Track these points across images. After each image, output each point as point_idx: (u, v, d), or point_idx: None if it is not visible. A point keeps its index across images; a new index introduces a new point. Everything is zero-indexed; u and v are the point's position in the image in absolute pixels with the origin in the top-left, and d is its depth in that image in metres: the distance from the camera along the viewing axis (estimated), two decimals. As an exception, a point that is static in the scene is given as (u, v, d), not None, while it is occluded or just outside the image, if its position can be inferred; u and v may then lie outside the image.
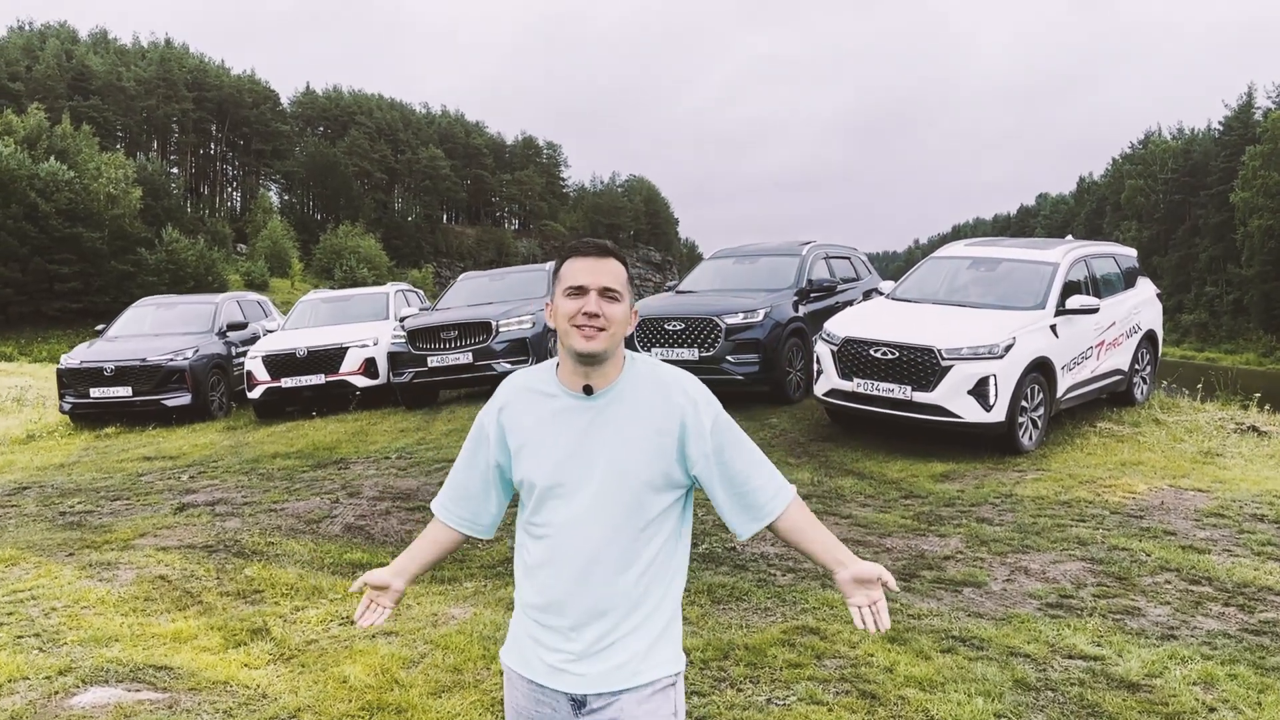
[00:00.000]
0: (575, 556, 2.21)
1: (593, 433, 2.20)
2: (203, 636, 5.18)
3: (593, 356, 2.16)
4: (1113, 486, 7.81)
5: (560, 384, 2.25)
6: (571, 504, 2.21)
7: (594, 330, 2.14)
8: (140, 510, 8.19)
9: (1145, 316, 10.81)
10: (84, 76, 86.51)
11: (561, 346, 2.24)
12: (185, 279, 59.48)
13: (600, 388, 2.22)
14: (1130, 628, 5.14)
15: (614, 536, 2.21)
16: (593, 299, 2.16)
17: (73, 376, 13.54)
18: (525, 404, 2.30)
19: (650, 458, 2.20)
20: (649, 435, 2.20)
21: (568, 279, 2.20)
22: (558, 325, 2.21)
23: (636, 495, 2.20)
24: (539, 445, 2.25)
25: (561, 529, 2.23)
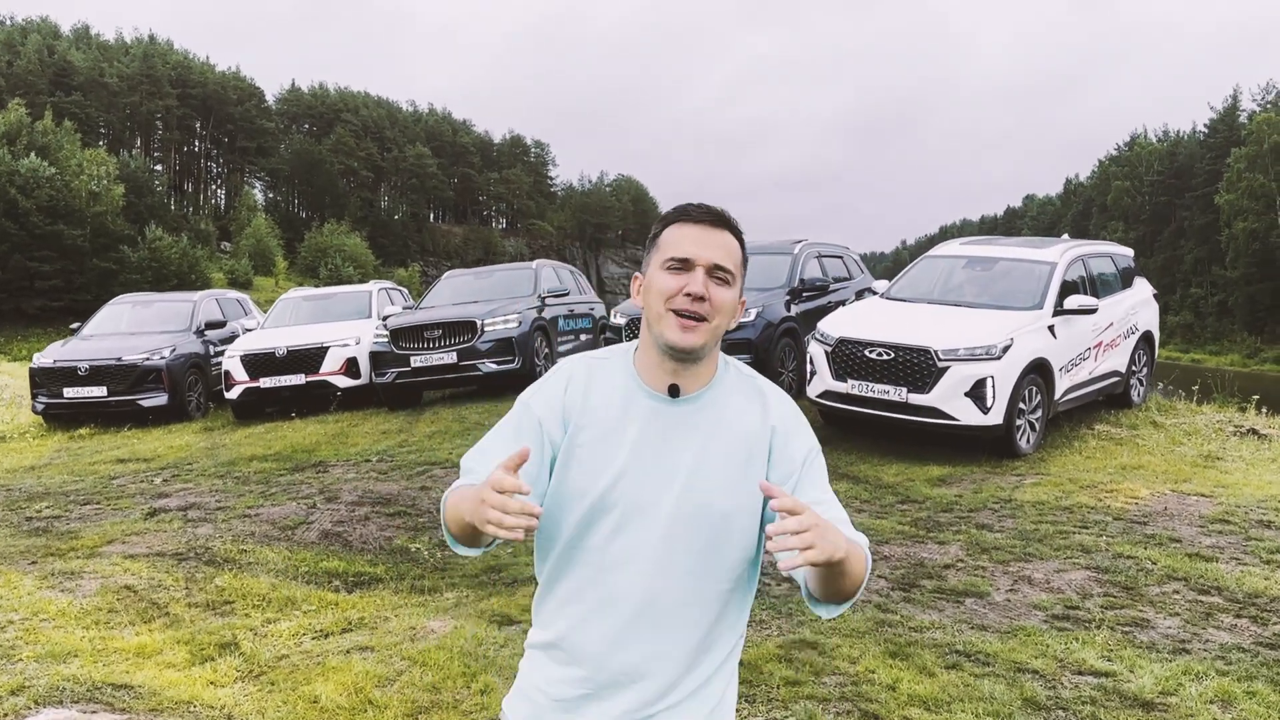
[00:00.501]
0: (622, 600, 1.76)
1: (672, 444, 1.76)
2: (168, 651, 4.90)
3: (688, 353, 1.73)
4: (1114, 491, 7.61)
5: (639, 378, 1.80)
6: (629, 531, 1.75)
7: (695, 319, 1.71)
8: (110, 515, 7.89)
9: (1142, 317, 10.63)
10: (66, 72, 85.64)
11: (646, 331, 1.79)
12: (168, 277, 58.82)
13: (689, 391, 1.79)
14: (1140, 641, 4.92)
15: (679, 581, 1.75)
16: (699, 278, 1.72)
17: (46, 376, 13.20)
18: (590, 393, 1.81)
19: (737, 484, 1.76)
20: (739, 456, 1.77)
21: (668, 248, 1.76)
22: (647, 306, 1.78)
23: (716, 530, 1.75)
24: (601, 446, 1.76)
25: (609, 560, 1.76)
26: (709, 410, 1.80)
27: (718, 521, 1.75)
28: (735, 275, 1.77)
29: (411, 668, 4.63)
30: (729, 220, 1.80)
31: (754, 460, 1.79)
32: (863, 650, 4.74)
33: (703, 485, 1.75)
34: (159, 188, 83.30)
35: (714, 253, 1.74)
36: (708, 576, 1.77)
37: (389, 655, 4.80)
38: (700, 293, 1.70)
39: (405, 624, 5.25)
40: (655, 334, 1.75)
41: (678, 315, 1.71)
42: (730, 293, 1.75)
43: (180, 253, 63.64)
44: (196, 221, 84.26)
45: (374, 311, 14.00)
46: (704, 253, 1.73)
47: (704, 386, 1.80)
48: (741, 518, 1.78)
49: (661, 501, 1.74)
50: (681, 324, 1.71)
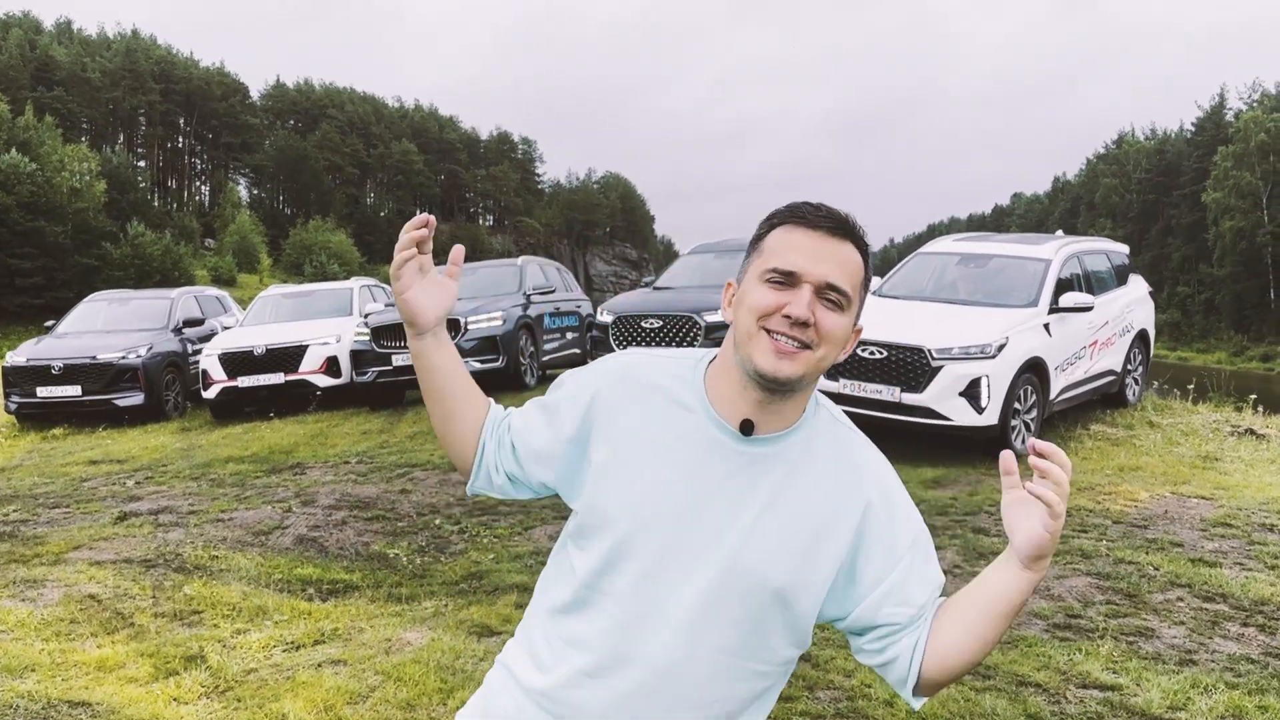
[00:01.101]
0: (638, 662, 1.45)
1: (730, 493, 1.44)
2: (131, 665, 4.66)
3: (779, 383, 1.40)
4: (1113, 494, 7.43)
5: (706, 399, 1.48)
6: (662, 584, 1.44)
7: (796, 346, 1.39)
8: (79, 520, 7.63)
9: (1138, 315, 10.48)
10: (47, 67, 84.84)
11: (730, 350, 1.47)
12: (151, 274, 58.31)
13: (766, 431, 1.46)
14: (1146, 651, 4.74)
15: (709, 655, 1.45)
16: (804, 298, 1.39)
17: (18, 375, 12.90)
18: (634, 402, 1.50)
19: (802, 559, 1.45)
20: (811, 525, 1.46)
21: (772, 255, 1.43)
22: (736, 321, 1.45)
23: (764, 608, 1.45)
24: (643, 474, 1.46)
25: (632, 613, 1.45)
26: (786, 459, 1.47)
27: (768, 599, 1.45)
28: (853, 299, 1.44)
29: (385, 683, 4.40)
30: (854, 229, 1.46)
31: (831, 536, 1.47)
32: (858, 663, 4.53)
33: (758, 551, 1.44)
34: (142, 184, 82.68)
35: (828, 268, 1.41)
36: (745, 656, 1.48)
37: (362, 670, 4.57)
38: (804, 317, 1.38)
39: (380, 635, 5.02)
40: (741, 356, 1.43)
41: (771, 338, 1.39)
42: (844, 320, 1.43)
43: (163, 250, 63.12)
44: (180, 218, 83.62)
45: (355, 309, 13.75)
46: (816, 267, 1.40)
47: (786, 429, 1.48)
48: (801, 601, 1.47)
49: (706, 559, 1.44)
50: (776, 347, 1.39)
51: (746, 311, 1.43)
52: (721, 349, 1.53)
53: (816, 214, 1.45)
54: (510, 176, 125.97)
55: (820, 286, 1.41)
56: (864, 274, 1.47)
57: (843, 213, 1.47)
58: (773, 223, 1.49)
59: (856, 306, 1.47)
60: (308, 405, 12.56)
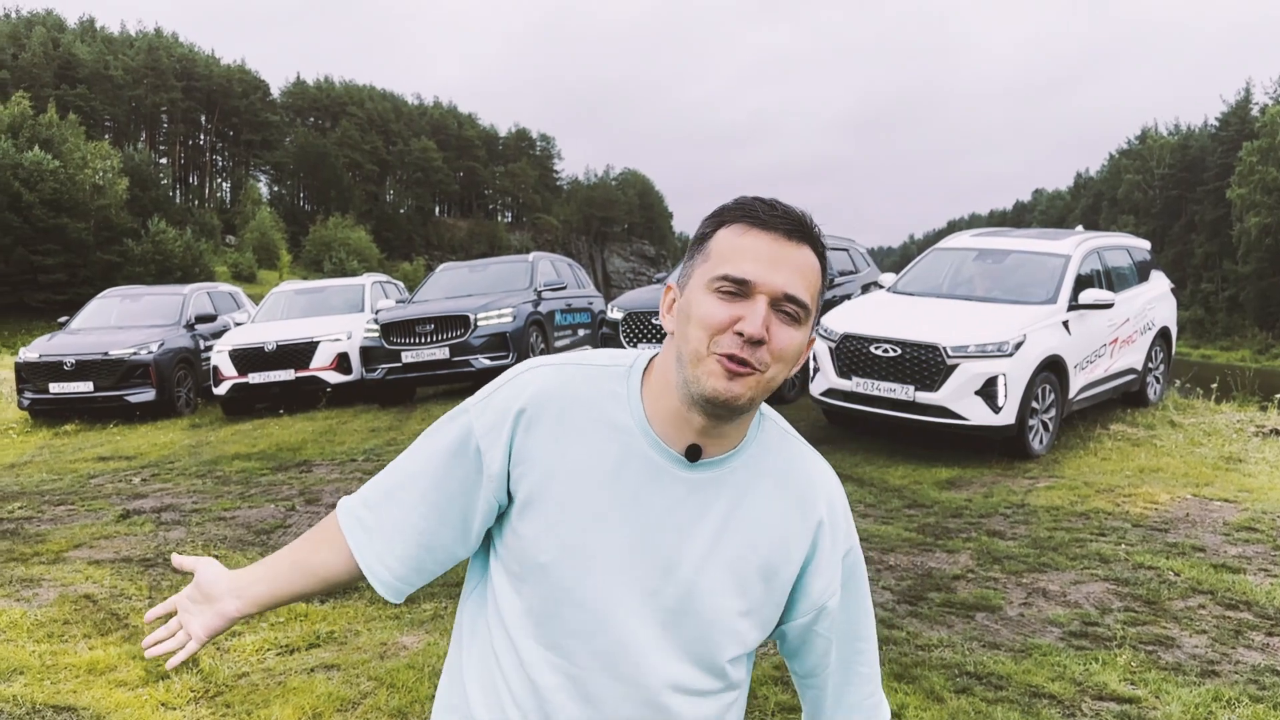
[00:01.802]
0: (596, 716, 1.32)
1: (678, 525, 1.30)
2: (122, 667, 4.57)
3: (729, 406, 1.24)
4: (1132, 496, 7.24)
5: (645, 418, 1.31)
6: (607, 633, 1.30)
7: (745, 368, 1.23)
8: (82, 517, 7.56)
9: (1159, 312, 10.25)
10: (71, 65, 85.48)
11: (672, 365, 1.29)
12: (172, 270, 58.72)
13: (712, 454, 1.32)
14: (1166, 662, 4.56)
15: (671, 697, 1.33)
16: (759, 311, 1.22)
17: (31, 371, 12.88)
18: (564, 424, 1.31)
19: (756, 589, 1.34)
20: (765, 552, 1.33)
21: (725, 261, 1.25)
22: (682, 336, 1.27)
23: (717, 643, 1.33)
24: (574, 507, 1.29)
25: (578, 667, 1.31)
26: (734, 483, 1.33)
27: (724, 631, 1.33)
28: (810, 310, 1.27)
29: (378, 689, 4.29)
30: (812, 230, 1.28)
31: (786, 560, 1.35)
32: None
33: (713, 585, 1.31)
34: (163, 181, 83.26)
35: (786, 276, 1.23)
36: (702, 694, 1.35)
37: (355, 675, 4.46)
38: (758, 334, 1.21)
39: (376, 639, 4.91)
40: (687, 376, 1.25)
41: (722, 360, 1.22)
42: (799, 334, 1.26)
43: (184, 246, 63.57)
44: (201, 215, 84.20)
45: (367, 305, 13.67)
46: (773, 276, 1.23)
47: (732, 449, 1.33)
48: (756, 630, 1.37)
49: (656, 600, 1.30)
50: (728, 368, 1.22)
51: (695, 327, 1.24)
52: (660, 361, 1.34)
53: (772, 213, 1.26)
54: (529, 173, 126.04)
55: (777, 298, 1.23)
56: (821, 281, 1.30)
57: (800, 211, 1.29)
58: (720, 220, 1.30)
59: (814, 317, 1.29)
60: (318, 402, 12.49)
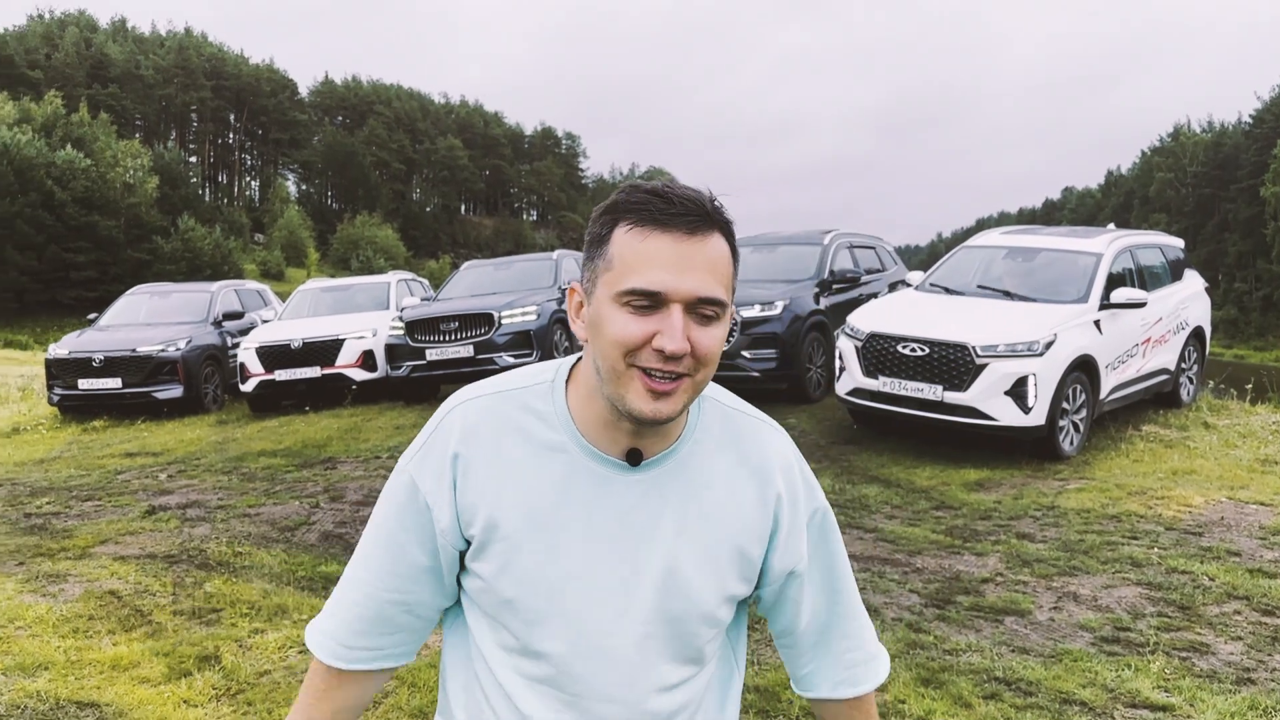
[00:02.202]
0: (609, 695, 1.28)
1: (634, 527, 1.26)
2: (145, 664, 4.58)
3: (659, 423, 1.20)
4: (1165, 499, 7.10)
5: (575, 430, 1.26)
6: (585, 658, 1.27)
7: (670, 382, 1.17)
8: (109, 513, 7.61)
9: (1193, 312, 10.08)
10: (102, 65, 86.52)
11: (594, 376, 1.24)
12: (201, 268, 59.33)
13: (653, 453, 1.27)
14: (1200, 669, 4.46)
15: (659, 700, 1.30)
16: (677, 324, 1.15)
17: (61, 367, 13.01)
18: (496, 459, 1.26)
19: (726, 575, 1.31)
20: (729, 538, 1.30)
21: (630, 272, 1.17)
22: (598, 352, 1.21)
23: (693, 633, 1.30)
24: (529, 537, 1.25)
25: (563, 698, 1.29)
26: (685, 474, 1.28)
27: (699, 620, 1.30)
28: (727, 301, 1.19)
29: (399, 688, 4.26)
30: (714, 215, 1.19)
31: (751, 541, 1.32)
32: (892, 676, 4.31)
33: (683, 584, 1.27)
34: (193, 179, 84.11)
35: (698, 279, 1.16)
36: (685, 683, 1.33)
37: (376, 674, 4.43)
38: (679, 349, 1.14)
39: (398, 638, 4.88)
40: (609, 393, 1.20)
41: (645, 378, 1.17)
42: (720, 329, 1.19)
43: (213, 244, 64.20)
44: (230, 213, 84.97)
45: (392, 303, 13.69)
46: (683, 282, 1.15)
47: (674, 442, 1.28)
48: (727, 611, 1.34)
49: (629, 611, 1.27)
50: (651, 386, 1.16)
51: (609, 345, 1.17)
52: (583, 369, 1.28)
53: (670, 210, 1.16)
54: (554, 171, 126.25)
55: (691, 303, 1.16)
56: (733, 265, 1.22)
57: (697, 194, 1.19)
58: (615, 218, 1.20)
59: (731, 307, 1.22)
60: (343, 399, 12.52)
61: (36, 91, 70.94)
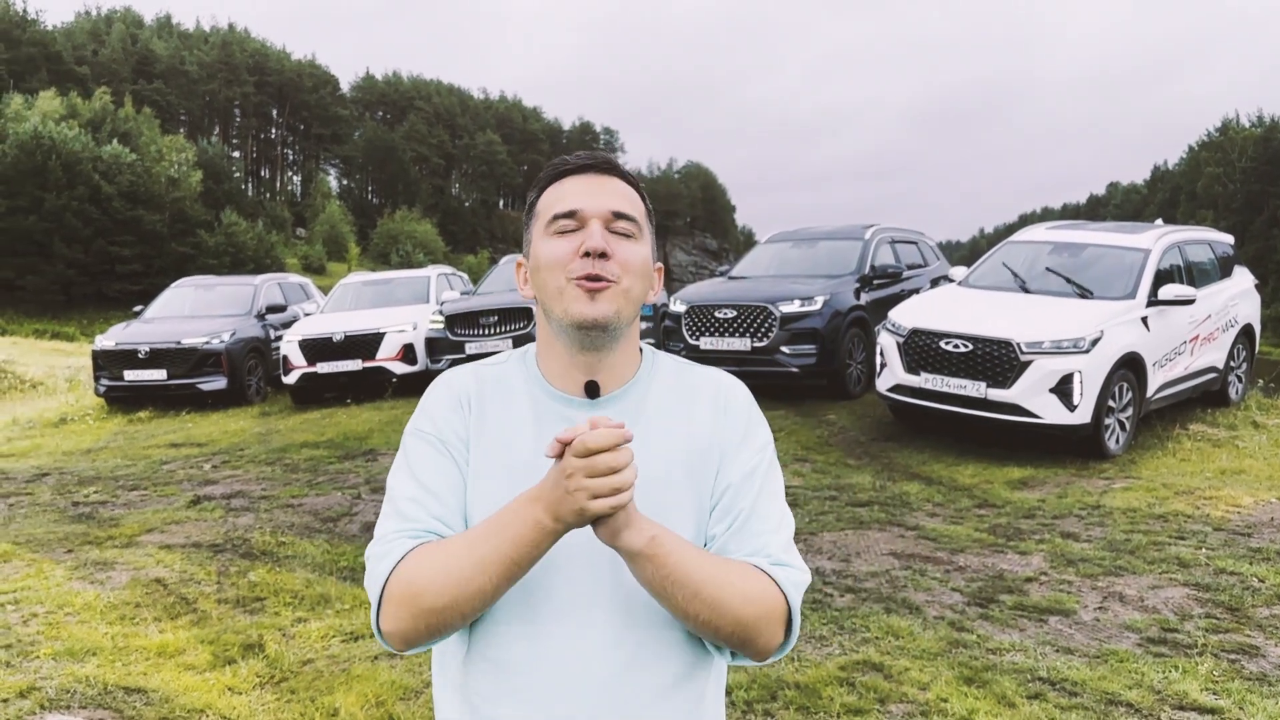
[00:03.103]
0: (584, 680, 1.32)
1: None
2: (190, 651, 4.65)
3: (601, 326, 1.33)
4: (1213, 499, 6.97)
5: (542, 379, 1.41)
6: (567, 580, 1.32)
7: (601, 282, 1.33)
8: (154, 503, 7.74)
9: (1242, 309, 9.89)
10: (148, 60, 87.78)
11: (545, 324, 1.41)
12: (244, 262, 59.99)
13: (611, 388, 1.40)
14: (1249, 672, 4.37)
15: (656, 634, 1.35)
16: (595, 231, 1.34)
17: (107, 358, 13.23)
18: (489, 402, 1.41)
19: (689, 495, 1.38)
20: (685, 462, 1.38)
21: (551, 205, 1.38)
22: (541, 288, 1.38)
23: None
24: (504, 473, 1.34)
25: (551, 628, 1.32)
26: (641, 408, 1.41)
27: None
28: (641, 226, 1.40)
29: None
30: (617, 165, 1.42)
31: (705, 464, 1.40)
32: (934, 675, 4.27)
33: (650, 504, 1.31)
34: (236, 174, 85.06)
35: (608, 199, 1.37)
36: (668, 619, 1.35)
37: (417, 664, 4.47)
38: (600, 247, 1.32)
39: (438, 629, 4.91)
40: (557, 317, 1.36)
41: (578, 284, 1.33)
42: (639, 249, 1.38)
43: (256, 238, 64.92)
44: (272, 207, 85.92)
45: (432, 297, 13.79)
46: (596, 201, 1.36)
47: (627, 382, 1.42)
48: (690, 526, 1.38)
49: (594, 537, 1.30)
50: (586, 288, 1.33)
51: (547, 270, 1.36)
52: (539, 334, 1.46)
53: (577, 160, 1.41)
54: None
55: (606, 218, 1.36)
56: (644, 206, 1.43)
57: (602, 152, 1.44)
58: (540, 185, 1.43)
59: (649, 238, 1.42)
60: (384, 391, 12.63)
61: (83, 87, 72.11)
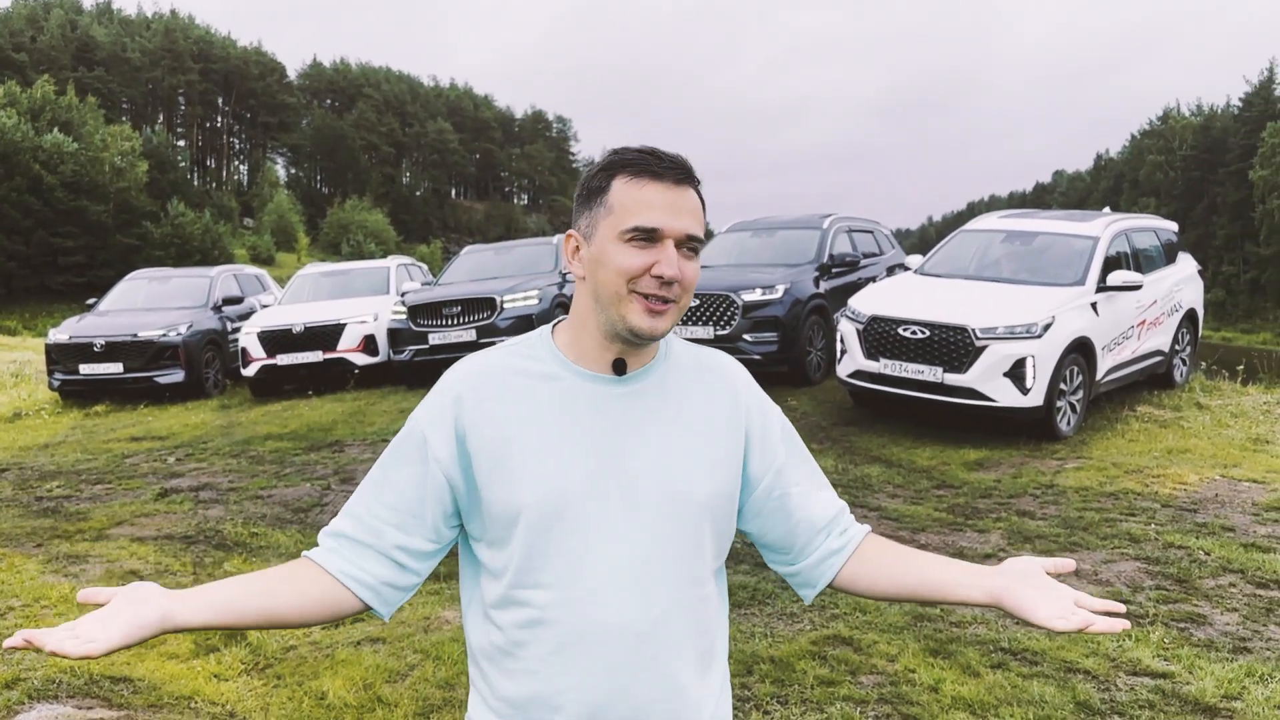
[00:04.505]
0: (616, 635, 1.42)
1: (628, 431, 1.45)
2: (172, 641, 4.68)
3: (656, 338, 1.44)
4: (1161, 476, 7.27)
5: (565, 360, 1.48)
6: (597, 547, 1.41)
7: (666, 305, 1.42)
8: (120, 496, 7.70)
9: (1186, 294, 10.23)
10: (88, 47, 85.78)
11: (590, 312, 1.46)
12: (191, 253, 59.05)
13: (636, 367, 1.49)
14: (1198, 639, 4.61)
15: (675, 596, 1.45)
16: (671, 255, 1.40)
17: (61, 352, 13.04)
18: (501, 391, 1.46)
19: (715, 470, 1.49)
20: (712, 437, 1.51)
21: (631, 213, 1.41)
22: (600, 283, 1.43)
23: (697, 527, 1.47)
24: (537, 451, 1.42)
25: (585, 589, 1.41)
26: (664, 387, 1.51)
27: (696, 512, 1.47)
28: (702, 242, 1.47)
29: (424, 662, 4.39)
30: (693, 173, 1.47)
31: (729, 443, 1.53)
32: (901, 647, 4.46)
33: (676, 473, 1.45)
34: (181, 163, 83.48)
35: (686, 220, 1.42)
36: (690, 582, 1.48)
37: (401, 648, 4.56)
38: (674, 275, 1.40)
39: (419, 614, 5.01)
40: (610, 317, 1.43)
41: (644, 301, 1.41)
42: (698, 264, 1.47)
43: (203, 229, 63.87)
44: (219, 197, 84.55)
45: (392, 288, 13.76)
46: (675, 221, 1.41)
47: (652, 360, 1.52)
48: (721, 505, 1.51)
49: (633, 500, 1.43)
50: (648, 306, 1.41)
51: (613, 275, 1.41)
52: (574, 309, 1.51)
53: (661, 164, 1.43)
54: (545, 155, 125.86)
55: (681, 240, 1.42)
56: (704, 214, 1.50)
57: (679, 157, 1.47)
58: (612, 173, 1.45)
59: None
60: (346, 383, 12.60)
61: (22, 75, 70.32)
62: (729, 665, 4.23)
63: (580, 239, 1.47)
